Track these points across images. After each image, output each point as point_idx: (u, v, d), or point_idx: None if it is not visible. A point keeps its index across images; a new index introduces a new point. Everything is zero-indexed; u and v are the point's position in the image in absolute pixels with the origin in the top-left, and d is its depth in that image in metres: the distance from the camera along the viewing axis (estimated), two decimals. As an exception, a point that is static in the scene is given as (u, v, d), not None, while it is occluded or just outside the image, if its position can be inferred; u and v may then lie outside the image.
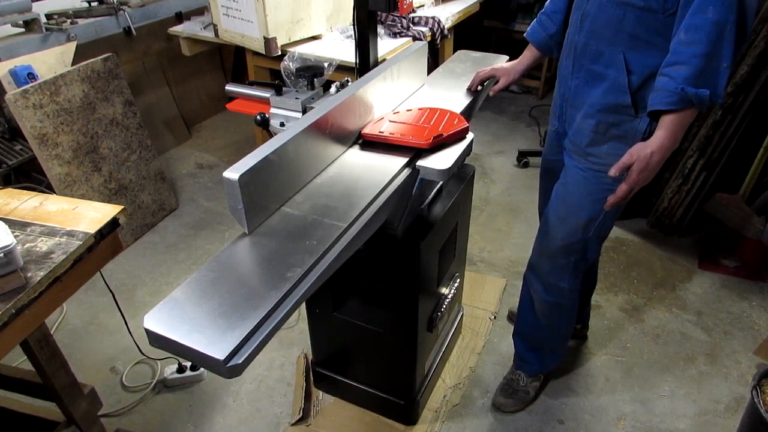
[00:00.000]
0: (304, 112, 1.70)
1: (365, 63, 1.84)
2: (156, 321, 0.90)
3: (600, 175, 1.59)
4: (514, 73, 1.83)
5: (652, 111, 1.37)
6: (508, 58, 2.06)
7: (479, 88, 1.85)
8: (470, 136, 1.45)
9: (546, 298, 1.85)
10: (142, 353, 2.10)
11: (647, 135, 1.49)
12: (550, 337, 1.97)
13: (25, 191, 1.46)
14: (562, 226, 1.71)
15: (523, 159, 3.55)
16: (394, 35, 2.86)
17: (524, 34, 1.84)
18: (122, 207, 1.37)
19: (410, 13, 3.08)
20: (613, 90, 1.49)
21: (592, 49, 1.50)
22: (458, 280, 2.03)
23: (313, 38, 2.85)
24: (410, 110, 1.54)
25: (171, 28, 3.19)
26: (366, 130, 1.45)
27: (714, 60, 1.27)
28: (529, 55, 1.84)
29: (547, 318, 1.90)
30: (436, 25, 2.97)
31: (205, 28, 3.09)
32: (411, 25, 2.92)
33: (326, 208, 1.18)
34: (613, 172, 1.41)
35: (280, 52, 2.67)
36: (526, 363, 2.05)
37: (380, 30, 2.82)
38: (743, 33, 1.28)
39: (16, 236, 1.22)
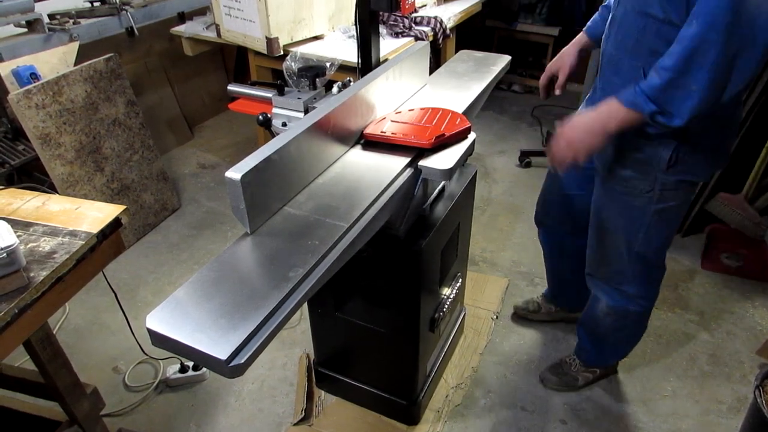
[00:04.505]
0: (306, 112, 1.69)
1: (367, 63, 1.83)
2: (158, 321, 0.90)
3: (628, 199, 1.55)
4: (569, 61, 1.76)
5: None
6: (510, 58, 2.05)
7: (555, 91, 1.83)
8: (472, 136, 1.45)
9: (610, 303, 1.80)
10: (145, 353, 2.10)
11: (673, 163, 1.43)
12: (611, 337, 1.94)
13: (27, 191, 1.46)
14: (607, 240, 1.69)
15: (525, 159, 3.55)
16: (396, 35, 2.86)
17: (584, 29, 1.78)
18: (124, 207, 1.38)
19: (412, 13, 3.08)
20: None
21: (615, 59, 1.45)
22: (460, 280, 2.03)
23: (315, 38, 2.85)
24: (412, 110, 1.54)
25: (173, 28, 3.19)
26: (368, 130, 1.45)
27: (682, 78, 1.19)
28: (578, 38, 1.77)
29: (607, 318, 1.86)
30: (438, 25, 2.97)
31: (207, 28, 3.09)
32: (413, 25, 2.91)
33: (328, 208, 1.18)
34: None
35: (282, 52, 2.67)
36: (584, 351, 2.07)
37: (382, 30, 2.82)
38: (733, 62, 1.16)
39: (18, 236, 1.22)
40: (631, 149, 1.48)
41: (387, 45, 2.72)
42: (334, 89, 1.71)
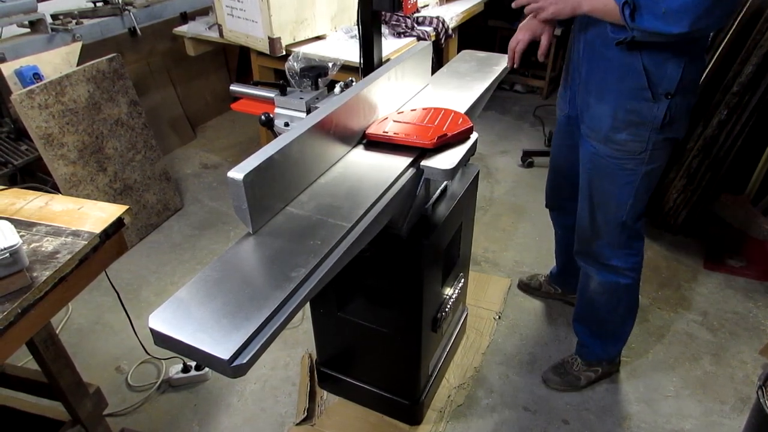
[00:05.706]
0: (308, 112, 1.69)
1: (369, 63, 1.83)
2: (161, 321, 0.90)
3: (621, 162, 1.62)
4: (554, 23, 1.75)
5: None
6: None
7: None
8: (474, 135, 1.45)
9: (600, 279, 1.87)
10: (147, 353, 2.10)
11: (668, 121, 1.50)
12: (608, 318, 1.97)
13: (30, 191, 1.46)
14: (598, 212, 1.75)
15: (527, 159, 3.54)
16: (399, 35, 2.86)
17: None
18: (127, 207, 1.38)
19: (414, 13, 3.08)
20: (627, 73, 1.48)
21: (603, 30, 1.48)
22: (462, 280, 2.03)
23: (318, 38, 2.85)
24: (414, 110, 1.54)
25: (176, 29, 3.20)
26: (370, 130, 1.45)
27: None
28: None
29: (602, 296, 1.91)
30: (441, 25, 2.97)
31: (209, 28, 3.10)
32: (415, 25, 2.91)
33: (331, 208, 1.18)
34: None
35: (284, 52, 2.67)
36: (585, 348, 2.09)
37: (384, 30, 2.82)
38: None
39: (21, 236, 1.23)
40: (628, 113, 1.54)
41: (389, 45, 2.72)
42: (337, 89, 1.71)
